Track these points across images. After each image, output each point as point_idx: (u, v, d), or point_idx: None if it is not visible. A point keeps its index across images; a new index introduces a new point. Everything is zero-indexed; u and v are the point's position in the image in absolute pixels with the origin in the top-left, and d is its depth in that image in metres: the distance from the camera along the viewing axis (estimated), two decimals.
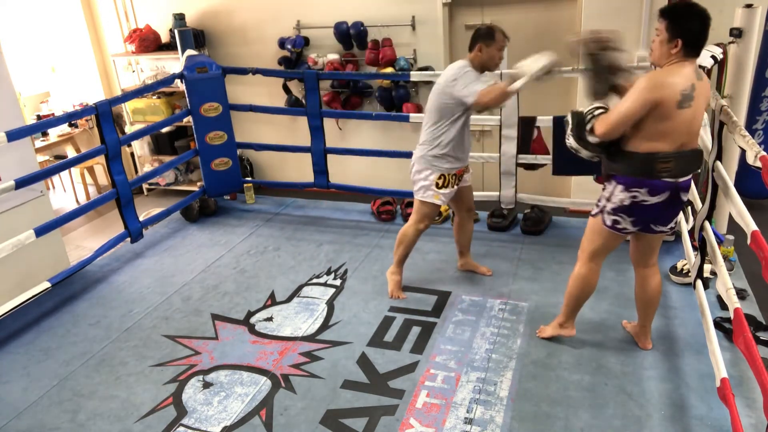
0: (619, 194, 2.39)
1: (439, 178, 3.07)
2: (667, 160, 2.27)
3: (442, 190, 3.09)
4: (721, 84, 3.57)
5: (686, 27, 2.21)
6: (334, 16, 4.87)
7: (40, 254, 3.79)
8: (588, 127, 2.39)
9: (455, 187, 3.17)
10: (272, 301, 3.42)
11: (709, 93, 2.37)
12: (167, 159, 5.43)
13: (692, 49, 2.23)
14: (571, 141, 2.48)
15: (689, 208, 3.57)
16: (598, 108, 2.41)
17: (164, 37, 5.62)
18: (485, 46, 2.93)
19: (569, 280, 2.72)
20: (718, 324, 2.78)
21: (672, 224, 2.48)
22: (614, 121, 2.28)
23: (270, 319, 3.24)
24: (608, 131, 2.31)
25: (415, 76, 4.24)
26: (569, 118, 2.47)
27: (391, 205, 4.48)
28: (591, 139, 2.39)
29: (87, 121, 6.00)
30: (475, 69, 2.94)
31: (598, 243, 2.57)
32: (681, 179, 2.32)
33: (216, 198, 4.84)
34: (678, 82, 2.20)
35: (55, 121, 3.95)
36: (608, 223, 2.48)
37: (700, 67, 3.18)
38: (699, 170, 2.58)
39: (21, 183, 3.29)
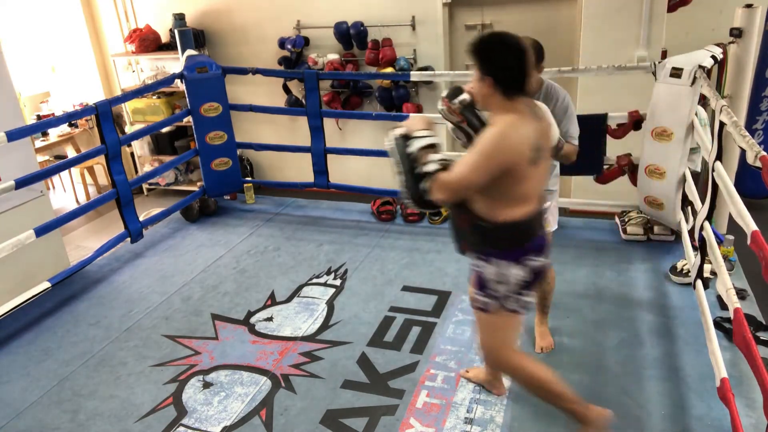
0: (514, 270, 1.94)
1: None
2: (540, 216, 2.01)
3: None
4: (721, 84, 3.58)
5: (498, 63, 1.83)
6: (334, 16, 4.87)
7: (40, 254, 3.79)
8: (425, 186, 1.92)
9: None
10: (272, 301, 3.42)
11: (551, 131, 2.07)
12: (167, 159, 5.42)
13: (518, 89, 1.85)
14: (408, 201, 2.03)
15: (689, 208, 3.57)
16: (437, 161, 1.91)
17: (164, 37, 5.62)
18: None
19: (527, 389, 2.24)
20: (718, 324, 2.78)
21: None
22: (455, 188, 1.86)
23: (270, 319, 3.24)
24: (449, 198, 1.91)
25: (415, 76, 4.24)
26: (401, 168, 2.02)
27: (391, 205, 4.48)
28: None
29: (87, 121, 6.00)
30: None
31: (509, 333, 2.11)
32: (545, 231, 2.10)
33: (216, 198, 4.83)
34: (522, 134, 1.81)
35: (55, 121, 3.95)
36: (516, 307, 2.01)
37: (701, 67, 3.21)
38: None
39: (21, 183, 3.29)
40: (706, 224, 2.87)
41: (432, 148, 1.94)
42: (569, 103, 2.58)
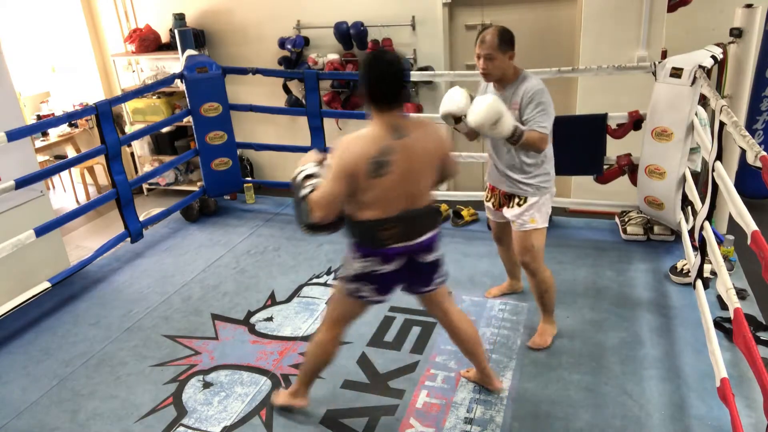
0: (355, 263, 2.16)
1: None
2: (390, 226, 2.06)
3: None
4: (721, 84, 3.58)
5: (369, 78, 1.99)
6: (334, 16, 4.87)
7: (40, 254, 3.79)
8: (305, 207, 2.11)
9: (488, 204, 2.96)
10: (272, 301, 3.42)
11: (429, 142, 2.08)
12: (167, 159, 5.42)
13: (384, 103, 2.00)
14: (303, 228, 2.22)
15: (689, 208, 3.57)
16: (310, 185, 2.13)
17: (164, 37, 5.62)
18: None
19: (309, 346, 2.42)
20: (718, 324, 2.78)
21: (436, 283, 2.27)
22: (324, 204, 2.03)
23: (270, 319, 3.24)
24: (325, 214, 2.05)
25: (415, 76, 4.24)
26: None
27: None
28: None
29: (87, 121, 6.01)
30: None
31: (340, 310, 2.32)
32: (414, 241, 2.12)
33: (216, 198, 4.83)
34: (362, 148, 1.98)
35: (55, 121, 3.95)
36: (348, 291, 2.22)
37: (701, 67, 3.21)
38: (438, 227, 2.21)
39: (21, 183, 3.29)
40: (706, 224, 2.87)
41: (311, 177, 2.17)
42: (537, 96, 2.50)
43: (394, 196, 2.05)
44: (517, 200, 2.72)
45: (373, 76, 2.00)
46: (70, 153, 6.05)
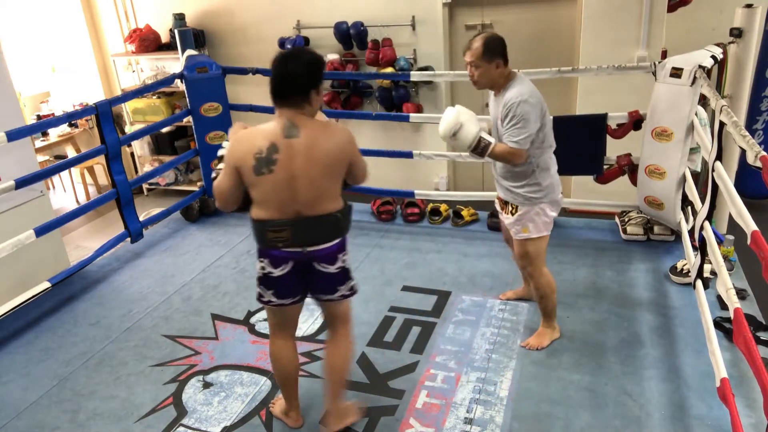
0: (257, 264, 2.13)
1: None
2: (280, 228, 2.00)
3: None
4: (721, 84, 3.58)
5: (271, 75, 2.02)
6: (334, 16, 4.87)
7: (40, 254, 3.79)
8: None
9: (496, 206, 2.92)
10: None
11: (330, 145, 1.98)
12: (167, 159, 5.43)
13: (277, 100, 1.99)
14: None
15: (689, 208, 3.57)
16: (219, 167, 2.14)
17: (164, 37, 5.62)
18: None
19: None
20: (718, 324, 2.78)
21: (341, 293, 2.17)
22: (217, 194, 2.06)
23: None
24: (222, 204, 2.08)
25: (415, 76, 4.24)
26: None
27: (391, 205, 4.48)
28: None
29: (87, 121, 6.01)
30: None
31: (269, 318, 2.30)
32: (308, 249, 2.04)
33: None
34: (250, 143, 1.97)
35: (55, 121, 3.95)
36: (257, 296, 2.19)
37: (701, 67, 3.21)
38: (339, 238, 2.08)
39: (21, 183, 3.29)
40: (706, 224, 2.87)
41: (221, 159, 2.15)
42: (513, 109, 2.43)
43: (284, 197, 1.98)
44: (510, 208, 2.71)
45: (272, 73, 2.01)
46: (70, 153, 6.05)
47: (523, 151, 2.48)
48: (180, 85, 4.97)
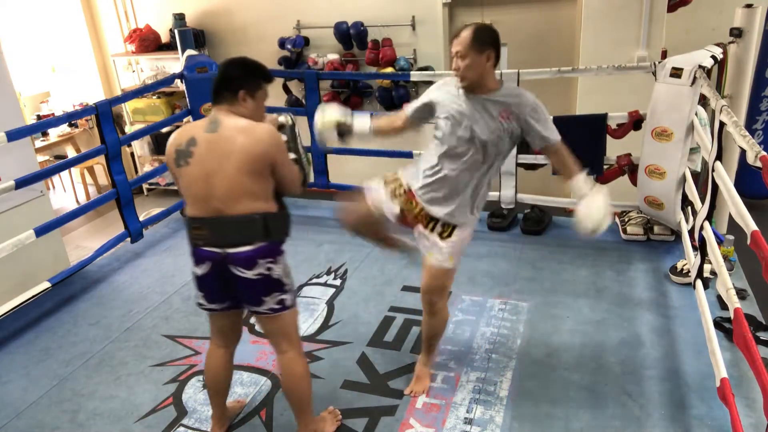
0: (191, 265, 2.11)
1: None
2: (198, 225, 1.98)
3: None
4: (721, 84, 3.58)
5: None
6: (334, 16, 4.87)
7: (40, 254, 3.79)
8: None
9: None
10: None
11: (248, 144, 1.92)
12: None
13: (212, 98, 2.06)
14: None
15: (689, 208, 3.57)
16: None
17: (164, 37, 5.62)
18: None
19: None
20: (718, 324, 2.78)
21: (268, 306, 2.04)
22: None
23: None
24: (183, 197, 2.12)
25: (415, 76, 4.24)
26: None
27: None
28: None
29: (87, 121, 6.01)
30: None
31: (210, 322, 2.26)
32: (224, 250, 1.97)
33: None
34: (178, 136, 2.02)
35: (55, 121, 3.95)
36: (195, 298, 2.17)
37: (701, 67, 3.21)
38: (261, 242, 1.98)
39: (21, 183, 3.29)
40: (706, 224, 2.87)
41: None
42: (539, 107, 2.26)
43: (201, 192, 1.96)
44: (441, 229, 2.44)
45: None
46: (70, 153, 6.05)
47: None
48: (180, 85, 4.97)
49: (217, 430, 2.41)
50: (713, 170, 2.74)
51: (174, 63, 5.44)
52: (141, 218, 4.19)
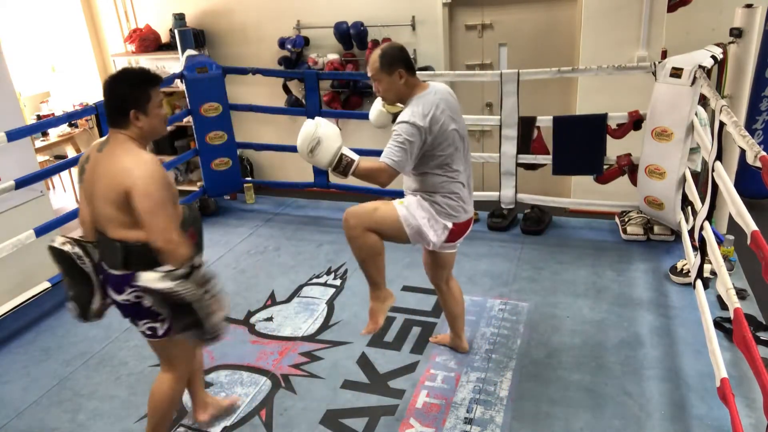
0: None
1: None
2: (95, 241, 2.02)
3: None
4: (721, 84, 3.58)
5: None
6: (334, 16, 4.87)
7: (40, 254, 3.77)
8: None
9: None
10: (272, 301, 3.42)
11: (111, 172, 1.84)
12: (167, 159, 5.42)
13: (109, 120, 1.94)
14: None
15: (689, 208, 3.57)
16: None
17: (164, 37, 5.62)
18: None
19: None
20: (718, 324, 2.78)
21: (141, 330, 2.03)
22: None
23: (270, 319, 3.24)
24: None
25: None
26: None
27: None
28: None
29: (87, 121, 6.00)
30: None
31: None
32: (105, 270, 1.98)
33: (216, 198, 4.83)
34: (87, 150, 2.02)
35: (55, 121, 3.95)
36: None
37: (701, 67, 3.21)
38: (123, 270, 1.91)
39: (21, 183, 3.29)
40: (706, 224, 2.87)
41: None
42: (398, 127, 2.23)
43: (89, 210, 1.99)
44: None
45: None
46: (70, 153, 6.05)
47: (389, 170, 2.24)
48: (180, 85, 4.96)
49: (200, 414, 2.46)
50: (713, 170, 2.74)
51: (174, 63, 5.43)
52: None
